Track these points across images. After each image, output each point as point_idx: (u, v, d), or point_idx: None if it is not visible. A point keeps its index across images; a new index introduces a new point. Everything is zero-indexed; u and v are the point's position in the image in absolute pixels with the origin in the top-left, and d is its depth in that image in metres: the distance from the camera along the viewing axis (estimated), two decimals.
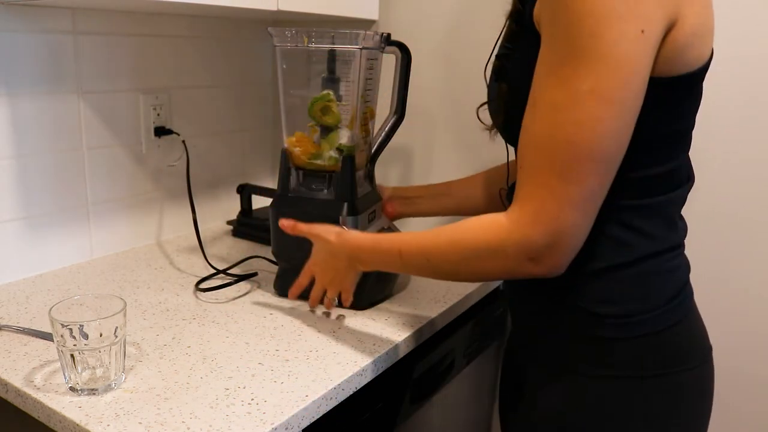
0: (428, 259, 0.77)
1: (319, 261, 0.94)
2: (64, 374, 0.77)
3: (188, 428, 0.70)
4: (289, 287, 1.06)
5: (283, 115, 1.07)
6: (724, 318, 1.13)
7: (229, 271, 1.17)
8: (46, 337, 0.89)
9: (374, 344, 0.91)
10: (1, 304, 1.01)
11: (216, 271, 1.16)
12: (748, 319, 1.14)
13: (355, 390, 0.85)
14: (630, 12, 0.60)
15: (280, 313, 1.01)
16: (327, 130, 1.03)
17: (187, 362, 0.85)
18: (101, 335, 0.76)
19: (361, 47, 0.99)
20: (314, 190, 1.05)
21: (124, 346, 0.80)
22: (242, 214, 1.44)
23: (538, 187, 0.66)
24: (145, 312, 1.00)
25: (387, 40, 1.05)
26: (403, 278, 1.15)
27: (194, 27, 1.36)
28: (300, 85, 1.06)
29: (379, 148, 1.14)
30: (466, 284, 1.13)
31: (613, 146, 0.64)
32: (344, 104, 1.03)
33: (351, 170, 1.01)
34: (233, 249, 1.33)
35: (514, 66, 0.74)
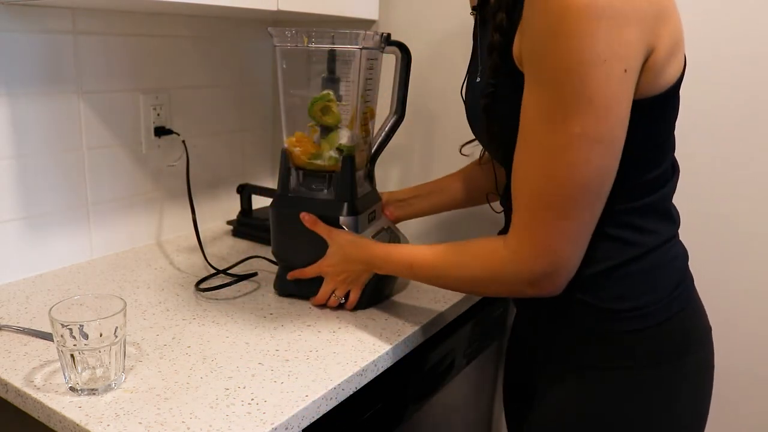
0: (437, 276, 0.86)
1: (334, 263, 1.00)
2: (64, 374, 0.77)
3: (188, 428, 0.70)
4: (289, 287, 1.06)
5: (283, 115, 1.07)
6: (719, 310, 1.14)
7: (229, 271, 1.17)
8: (46, 337, 0.89)
9: (374, 344, 0.91)
10: (1, 304, 1.01)
11: (216, 271, 1.16)
12: (737, 312, 1.14)
13: (355, 390, 0.85)
14: (614, 55, 0.63)
15: (280, 313, 1.01)
16: (327, 130, 1.03)
17: (187, 362, 0.85)
18: (101, 335, 0.76)
19: (361, 47, 0.99)
20: (314, 190, 1.05)
21: (124, 346, 0.80)
22: (242, 214, 1.44)
23: (535, 223, 0.70)
24: (145, 312, 1.00)
25: (387, 40, 1.05)
26: (404, 278, 1.15)
27: (194, 27, 1.36)
28: (300, 85, 1.06)
29: (379, 148, 1.14)
30: None
31: (604, 181, 0.68)
32: (344, 104, 1.03)
33: (351, 170, 1.01)
34: (233, 249, 1.32)
35: (501, 107, 0.76)
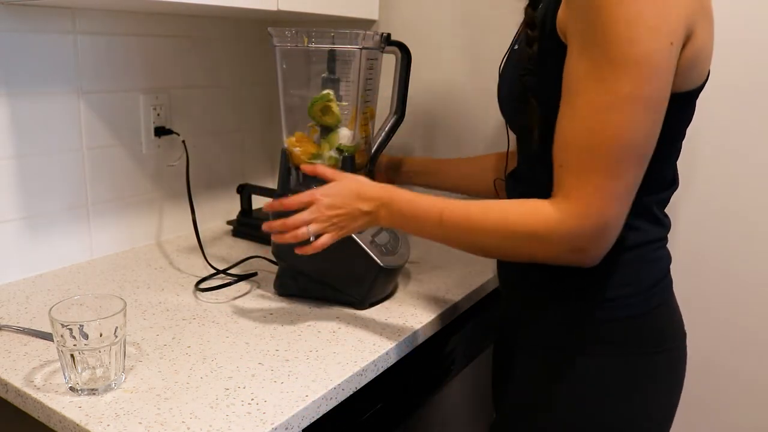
0: (471, 231, 0.78)
1: (333, 193, 0.86)
2: (64, 374, 0.77)
3: (188, 428, 0.70)
4: (289, 287, 1.06)
5: (283, 115, 1.07)
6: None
7: (229, 271, 1.16)
8: (46, 337, 0.89)
9: (374, 344, 0.91)
10: (1, 304, 1.01)
11: (216, 271, 1.16)
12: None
13: (355, 390, 0.85)
14: (662, 24, 0.65)
15: (280, 313, 1.01)
16: (327, 130, 1.03)
17: (187, 362, 0.85)
18: (101, 335, 0.76)
19: (361, 47, 0.99)
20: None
21: (124, 346, 0.80)
22: (242, 214, 1.44)
23: (584, 183, 0.70)
24: (145, 312, 1.00)
25: (387, 40, 1.05)
26: (404, 278, 1.15)
27: (194, 27, 1.36)
28: (300, 85, 1.06)
29: (379, 148, 1.14)
30: (466, 284, 1.14)
31: (649, 144, 0.69)
32: (344, 104, 1.03)
33: (351, 170, 1.01)
34: (233, 249, 1.33)
35: (544, 82, 0.75)
